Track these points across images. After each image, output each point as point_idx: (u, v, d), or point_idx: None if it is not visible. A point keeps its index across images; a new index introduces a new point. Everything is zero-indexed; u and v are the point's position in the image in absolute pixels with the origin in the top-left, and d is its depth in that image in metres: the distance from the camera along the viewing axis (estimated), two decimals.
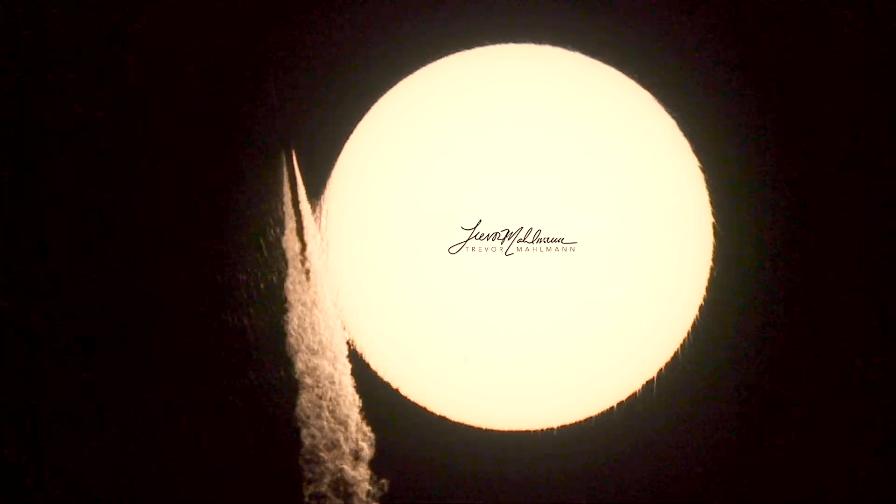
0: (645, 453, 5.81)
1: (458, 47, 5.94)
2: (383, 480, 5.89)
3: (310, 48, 5.99)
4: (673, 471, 5.80)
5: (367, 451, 5.91)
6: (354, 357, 6.02)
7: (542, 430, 5.85)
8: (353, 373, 5.99)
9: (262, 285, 5.97)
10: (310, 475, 5.87)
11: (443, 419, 5.91)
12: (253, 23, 5.87)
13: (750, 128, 5.89)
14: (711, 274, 5.81)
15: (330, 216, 6.06)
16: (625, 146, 5.76)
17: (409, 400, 5.93)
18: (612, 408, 5.82)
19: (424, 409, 5.92)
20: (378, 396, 5.95)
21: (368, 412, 5.96)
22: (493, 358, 5.76)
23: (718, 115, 5.89)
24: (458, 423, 5.91)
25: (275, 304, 5.98)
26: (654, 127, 5.86)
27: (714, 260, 5.82)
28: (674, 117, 5.89)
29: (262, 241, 6.02)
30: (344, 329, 6.00)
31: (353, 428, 5.92)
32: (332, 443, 5.90)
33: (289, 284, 5.99)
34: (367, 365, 6.00)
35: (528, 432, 5.88)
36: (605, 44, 5.88)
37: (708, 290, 5.81)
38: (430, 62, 5.93)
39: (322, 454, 5.87)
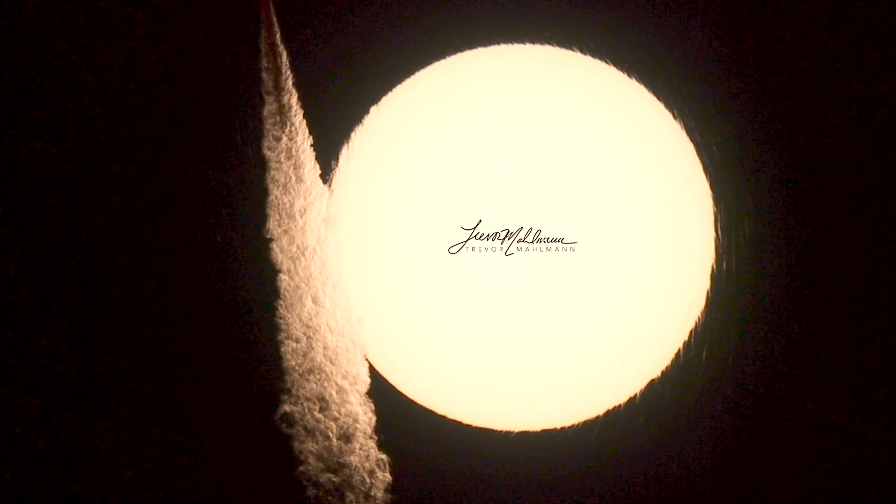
0: (645, 454, 5.81)
1: (459, 48, 5.96)
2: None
3: (311, 49, 6.03)
4: (673, 472, 5.80)
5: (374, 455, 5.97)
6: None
7: (543, 430, 5.87)
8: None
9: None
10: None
11: (443, 419, 5.93)
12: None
13: (753, 127, 5.87)
14: (712, 275, 5.79)
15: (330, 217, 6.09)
16: (625, 146, 5.74)
17: (409, 399, 5.96)
18: (613, 409, 5.83)
19: (425, 408, 5.94)
20: (378, 396, 5.97)
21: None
22: (492, 358, 5.76)
23: (721, 114, 5.88)
24: (458, 422, 5.92)
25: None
26: (655, 126, 5.85)
27: (715, 260, 5.80)
28: (675, 116, 5.87)
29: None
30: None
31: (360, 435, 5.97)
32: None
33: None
34: (368, 365, 6.03)
35: (528, 432, 5.89)
36: (606, 43, 5.88)
37: (709, 291, 5.79)
38: (431, 63, 5.95)
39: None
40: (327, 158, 6.02)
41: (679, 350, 5.79)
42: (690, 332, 5.79)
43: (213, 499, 5.96)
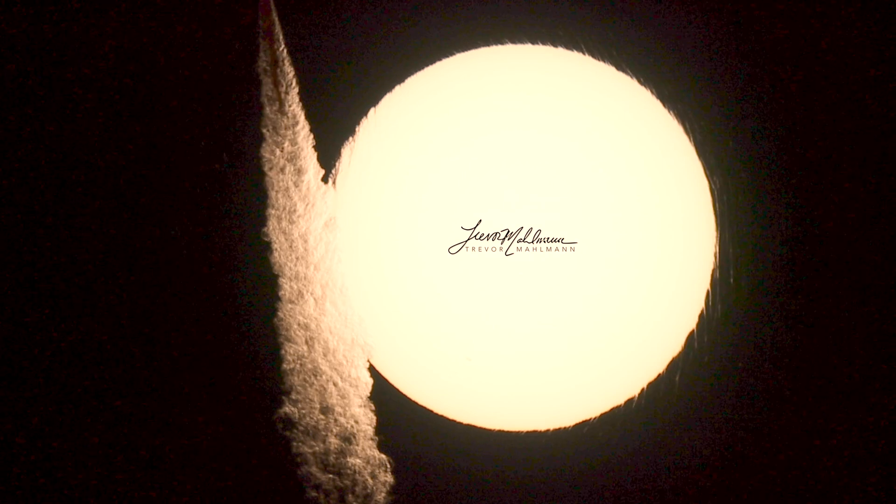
0: (646, 454, 5.80)
1: (459, 48, 5.98)
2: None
3: (312, 47, 6.06)
4: (673, 472, 5.79)
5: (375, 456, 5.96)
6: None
7: (543, 430, 5.86)
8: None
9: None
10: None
11: (444, 419, 5.92)
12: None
13: (753, 127, 5.88)
14: (713, 275, 5.79)
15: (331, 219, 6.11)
16: (625, 146, 5.76)
17: (410, 400, 5.95)
18: (613, 409, 5.82)
19: (426, 409, 5.94)
20: (379, 397, 5.97)
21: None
22: (493, 358, 5.76)
23: (720, 114, 5.88)
24: (459, 422, 5.92)
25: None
26: (655, 126, 5.86)
27: (716, 260, 5.80)
28: (675, 116, 5.89)
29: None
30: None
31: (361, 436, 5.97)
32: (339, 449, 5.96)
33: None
34: (369, 366, 6.03)
35: (529, 432, 5.88)
36: (606, 43, 5.90)
37: (709, 291, 5.79)
38: (431, 63, 5.98)
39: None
40: (328, 160, 6.05)
41: (679, 350, 5.79)
42: (690, 333, 5.79)
43: (213, 500, 5.95)
